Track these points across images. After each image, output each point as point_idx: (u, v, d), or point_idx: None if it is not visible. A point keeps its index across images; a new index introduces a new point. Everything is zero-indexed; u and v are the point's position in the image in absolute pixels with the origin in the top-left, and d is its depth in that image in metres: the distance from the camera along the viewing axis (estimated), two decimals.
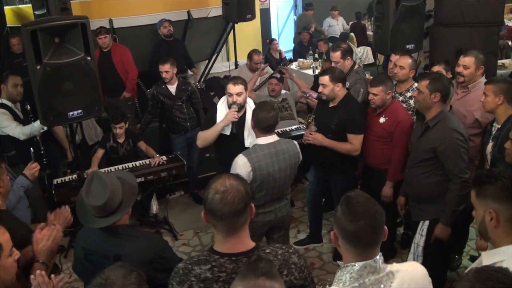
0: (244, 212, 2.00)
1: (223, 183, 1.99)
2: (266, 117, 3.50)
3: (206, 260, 2.05)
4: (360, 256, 1.85)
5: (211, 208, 1.97)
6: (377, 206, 1.89)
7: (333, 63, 5.02)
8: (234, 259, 2.01)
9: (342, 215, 1.86)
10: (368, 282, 1.82)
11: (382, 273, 1.85)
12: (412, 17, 5.39)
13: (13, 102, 4.90)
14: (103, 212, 2.43)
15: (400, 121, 4.15)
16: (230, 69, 8.20)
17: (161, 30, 7.06)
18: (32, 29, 3.63)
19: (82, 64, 3.91)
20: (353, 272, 1.83)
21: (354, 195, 1.92)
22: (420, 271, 1.95)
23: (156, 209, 5.59)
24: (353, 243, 1.85)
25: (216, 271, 2.00)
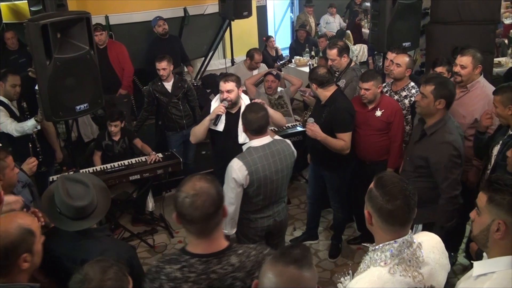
0: (216, 216, 1.97)
1: (193, 186, 1.95)
2: (256, 118, 3.37)
3: (176, 259, 2.03)
4: (395, 233, 1.98)
5: (181, 211, 1.95)
6: (410, 186, 2.01)
7: (329, 61, 5.03)
8: (205, 260, 2.00)
9: (378, 195, 1.97)
10: (406, 255, 1.96)
11: (414, 246, 2.00)
12: (408, 15, 5.40)
13: (10, 100, 4.89)
14: (81, 214, 2.38)
15: (397, 110, 4.32)
16: (227, 66, 8.18)
17: (156, 29, 7.05)
18: (43, 23, 3.62)
19: (87, 58, 3.94)
20: (394, 249, 1.96)
21: (387, 177, 2.03)
22: (435, 239, 2.16)
23: (152, 207, 5.58)
24: (390, 221, 1.96)
25: (186, 271, 1.99)
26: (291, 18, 13.14)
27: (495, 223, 1.90)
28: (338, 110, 4.19)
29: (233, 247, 2.07)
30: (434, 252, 2.07)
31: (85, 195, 2.40)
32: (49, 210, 2.45)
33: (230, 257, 2.01)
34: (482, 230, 1.96)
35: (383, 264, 1.96)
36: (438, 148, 3.38)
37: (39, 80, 3.80)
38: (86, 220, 2.40)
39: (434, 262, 2.04)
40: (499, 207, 1.90)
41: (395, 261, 1.95)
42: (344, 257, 4.84)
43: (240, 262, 2.01)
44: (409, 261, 1.96)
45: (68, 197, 2.36)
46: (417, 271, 1.96)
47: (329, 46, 5.04)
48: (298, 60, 8.61)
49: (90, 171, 4.91)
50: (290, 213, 5.62)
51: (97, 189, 2.51)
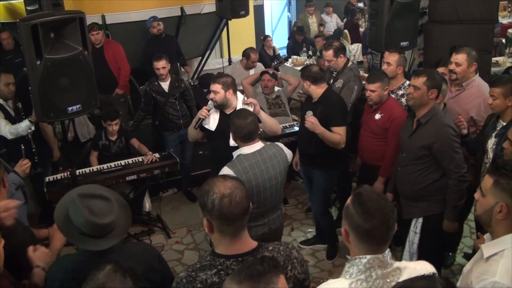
0: (248, 210, 2.00)
1: (226, 186, 1.96)
2: (244, 124, 3.27)
3: (211, 265, 2.00)
4: (371, 252, 1.88)
5: (221, 213, 1.93)
6: (389, 203, 1.92)
7: (326, 62, 5.01)
8: (241, 259, 1.99)
9: (355, 213, 1.87)
10: (375, 275, 1.84)
11: (390, 268, 1.87)
12: (406, 14, 5.38)
13: (4, 100, 4.85)
14: (105, 231, 2.22)
15: (395, 118, 4.16)
16: (224, 66, 8.16)
17: (151, 30, 7.01)
18: (33, 23, 3.59)
19: (80, 59, 3.89)
20: (361, 264, 1.86)
21: (365, 192, 1.92)
22: (429, 270, 1.93)
23: (149, 207, 5.56)
24: (366, 240, 1.87)
25: (223, 274, 1.96)
26: (288, 18, 13.12)
27: (498, 205, 2.04)
28: (334, 105, 4.21)
29: (263, 245, 2.09)
30: None
31: (109, 210, 2.24)
32: (68, 231, 2.25)
33: (263, 254, 2.02)
34: (485, 211, 2.10)
35: (348, 277, 1.88)
36: (439, 132, 3.50)
37: (30, 80, 3.77)
38: (108, 237, 2.23)
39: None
40: (503, 191, 2.04)
41: (361, 277, 1.85)
42: (342, 258, 4.83)
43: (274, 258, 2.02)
44: (377, 281, 1.83)
45: (92, 214, 2.18)
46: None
47: (324, 47, 5.01)
48: (295, 59, 8.59)
49: (86, 171, 4.89)
50: (287, 213, 5.62)
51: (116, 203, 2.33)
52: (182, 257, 4.99)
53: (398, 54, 4.57)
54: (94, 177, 4.78)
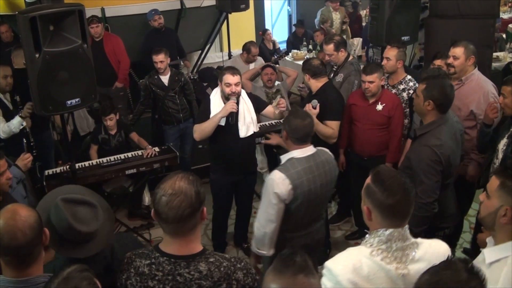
0: (191, 218, 1.90)
1: (172, 185, 1.89)
2: (302, 125, 3.06)
3: (147, 255, 2.00)
4: (394, 227, 1.97)
5: (157, 209, 1.90)
6: (407, 178, 2.02)
7: (326, 56, 5.00)
8: (173, 261, 1.96)
9: (378, 191, 1.97)
10: (395, 247, 1.95)
11: (408, 242, 1.98)
12: (407, 8, 5.36)
13: (2, 92, 4.83)
14: (87, 238, 2.15)
15: (398, 104, 4.29)
16: (224, 60, 8.13)
17: (152, 23, 6.98)
18: (32, 16, 3.56)
19: (80, 52, 3.87)
20: (383, 236, 1.96)
21: (384, 171, 2.04)
22: (443, 247, 2.07)
23: (149, 201, 5.54)
24: (390, 215, 1.96)
25: (153, 268, 1.96)
26: (288, 12, 13.07)
27: (503, 209, 1.99)
28: (329, 99, 4.22)
29: (205, 253, 2.00)
30: (433, 256, 1.99)
31: (94, 217, 2.18)
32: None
33: (199, 263, 1.95)
34: (489, 213, 2.05)
35: (368, 246, 1.98)
36: (418, 150, 3.21)
37: (29, 73, 3.75)
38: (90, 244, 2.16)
39: (429, 263, 1.91)
40: (509, 194, 1.98)
41: (382, 246, 1.96)
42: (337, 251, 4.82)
43: (209, 270, 1.94)
44: (396, 252, 1.95)
45: (77, 221, 2.11)
46: (403, 265, 1.95)
47: (325, 41, 5.01)
48: (295, 53, 8.57)
49: (86, 165, 4.87)
50: None
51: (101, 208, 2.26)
52: None
53: (397, 49, 4.55)
54: (94, 171, 4.77)
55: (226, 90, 4.05)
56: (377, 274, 1.93)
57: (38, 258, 2.01)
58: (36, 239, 1.96)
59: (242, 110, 4.17)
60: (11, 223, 1.92)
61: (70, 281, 1.72)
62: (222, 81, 4.10)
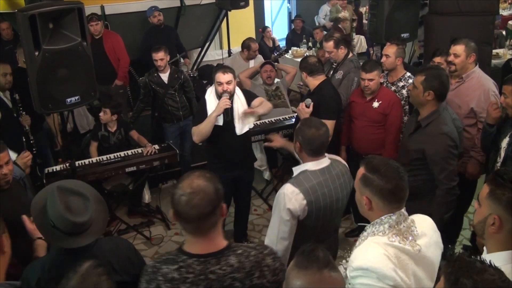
0: (212, 215, 1.91)
1: (190, 184, 1.89)
2: (317, 135, 2.85)
3: (173, 260, 1.97)
4: (395, 210, 2.10)
5: (177, 210, 1.90)
6: (398, 164, 2.15)
7: (326, 53, 5.00)
8: (203, 260, 1.95)
9: (376, 179, 2.08)
10: (403, 228, 2.08)
11: (409, 220, 2.13)
12: (407, 5, 5.37)
13: (1, 90, 4.83)
14: (78, 230, 2.18)
15: (395, 102, 4.26)
16: (223, 57, 8.13)
17: (151, 19, 6.97)
18: (31, 14, 3.56)
19: (79, 50, 3.87)
20: (392, 221, 2.08)
21: (376, 160, 2.16)
22: (427, 218, 2.26)
23: (149, 198, 5.56)
24: (392, 199, 2.08)
25: (183, 272, 1.93)
26: (288, 9, 13.05)
27: (491, 217, 1.94)
28: (325, 98, 4.21)
29: (232, 246, 2.01)
30: (428, 228, 2.18)
31: (85, 209, 2.21)
32: (41, 222, 2.23)
33: (229, 257, 1.96)
34: (480, 221, 2.02)
35: (381, 235, 2.07)
36: (434, 139, 3.34)
37: (28, 71, 3.75)
38: (81, 236, 2.20)
39: (429, 236, 2.15)
40: (497, 202, 1.94)
41: (393, 231, 2.06)
42: (341, 249, 4.80)
43: (239, 262, 1.95)
44: (405, 232, 2.07)
45: (67, 211, 2.15)
46: (414, 242, 2.07)
47: (325, 39, 5.01)
48: (295, 51, 8.56)
49: (86, 162, 4.88)
50: None
51: (94, 202, 2.30)
52: None
53: (396, 46, 4.55)
54: (94, 169, 4.78)
55: (218, 88, 4.07)
56: (402, 256, 2.02)
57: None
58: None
59: (236, 107, 4.18)
60: None
61: (89, 277, 1.75)
62: (214, 80, 4.12)
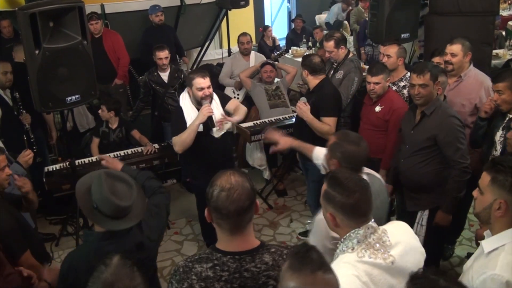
0: (250, 210, 1.93)
1: (228, 180, 1.91)
2: (358, 151, 2.69)
3: (208, 258, 1.97)
4: (361, 224, 2.04)
5: (216, 206, 1.90)
6: (360, 176, 2.12)
7: (326, 53, 5.00)
8: (238, 257, 1.95)
9: (337, 194, 2.03)
10: (372, 241, 2.02)
11: (379, 231, 2.06)
12: (407, 5, 5.37)
13: (2, 88, 4.83)
14: (120, 214, 2.31)
15: (396, 109, 4.16)
16: (223, 57, 8.13)
17: (153, 18, 6.96)
18: (31, 12, 3.56)
19: (79, 49, 3.88)
20: (359, 235, 2.02)
21: (339, 174, 2.11)
22: (402, 224, 2.24)
23: None
24: (354, 215, 2.02)
25: (218, 270, 1.93)
26: (288, 8, 13.06)
27: (496, 202, 2.03)
28: (325, 95, 4.21)
29: (266, 245, 2.03)
30: (403, 235, 2.14)
31: (129, 194, 2.34)
32: (84, 204, 2.35)
33: (263, 255, 1.97)
34: (484, 208, 2.09)
35: (350, 251, 2.02)
36: (445, 122, 3.50)
37: (29, 69, 3.75)
38: (123, 220, 2.33)
39: (405, 244, 2.10)
40: (501, 188, 2.03)
41: (362, 246, 2.01)
42: None
43: (274, 260, 1.97)
44: (376, 245, 2.02)
45: (113, 194, 2.27)
46: (386, 254, 2.02)
47: (325, 38, 5.00)
48: (295, 50, 8.55)
49: (86, 161, 4.88)
50: (286, 205, 5.64)
51: (136, 189, 2.45)
52: (181, 247, 5.00)
53: (397, 46, 4.57)
54: (94, 167, 4.77)
55: (199, 94, 3.98)
56: (373, 272, 1.97)
57: None
58: None
59: (214, 111, 4.12)
60: None
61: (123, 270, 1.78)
62: (192, 86, 4.03)
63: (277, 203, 5.72)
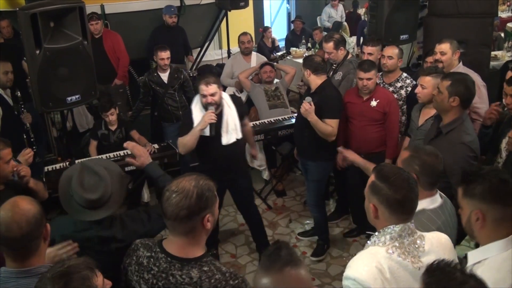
0: (188, 221, 1.90)
1: (178, 183, 1.92)
2: (436, 163, 2.53)
3: (150, 247, 2.05)
4: (402, 221, 2.02)
5: (160, 202, 1.95)
6: (410, 175, 2.08)
7: (326, 54, 5.02)
8: (169, 260, 1.97)
9: (384, 187, 2.02)
10: (406, 242, 2.01)
11: (416, 235, 2.04)
12: (406, 7, 5.39)
13: (3, 88, 4.84)
14: (95, 204, 2.40)
15: (392, 100, 4.34)
16: (223, 57, 8.15)
17: (166, 18, 6.99)
18: (32, 12, 3.58)
19: (80, 49, 3.90)
20: (394, 232, 2.01)
21: (387, 168, 2.11)
22: (444, 237, 2.15)
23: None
24: (399, 210, 2.01)
25: (151, 262, 2.00)
26: (287, 9, 13.08)
27: (473, 214, 1.98)
28: (329, 97, 4.23)
29: (202, 260, 1.97)
30: (438, 247, 2.08)
31: (97, 187, 2.39)
32: (63, 192, 2.45)
33: (192, 269, 1.94)
34: (465, 222, 2.05)
35: (381, 245, 2.02)
36: (453, 149, 3.16)
37: (29, 69, 3.77)
38: (99, 210, 2.41)
39: (438, 255, 1.99)
40: (472, 198, 1.99)
41: (395, 243, 2.00)
42: (340, 249, 4.85)
43: (199, 278, 1.92)
44: (409, 246, 2.00)
45: (81, 187, 2.37)
46: (416, 258, 2.00)
47: (325, 39, 5.03)
48: (294, 51, 8.58)
49: None
50: (285, 205, 5.65)
51: (114, 177, 2.49)
52: None
53: (397, 47, 4.65)
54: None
55: (203, 100, 3.93)
56: (398, 271, 1.97)
57: (37, 251, 2.03)
58: (32, 233, 1.98)
59: (226, 119, 4.04)
60: (9, 215, 1.96)
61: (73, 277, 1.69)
62: (199, 92, 3.98)
63: (276, 204, 5.73)
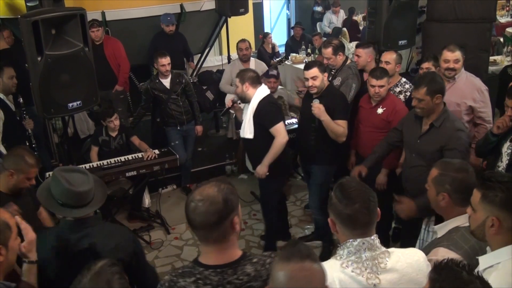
0: (219, 226, 1.90)
1: (201, 192, 1.92)
2: (467, 177, 2.43)
3: (190, 272, 1.97)
4: (357, 236, 1.97)
5: (187, 215, 1.93)
6: (369, 189, 2.02)
7: (325, 60, 5.04)
8: (219, 271, 1.94)
9: (337, 201, 1.99)
10: (364, 257, 1.95)
11: (378, 251, 1.97)
12: (405, 12, 5.42)
13: (7, 94, 4.87)
14: (83, 201, 2.45)
15: (398, 110, 4.26)
16: (223, 63, 8.19)
17: (164, 27, 7.04)
18: (34, 20, 3.61)
19: (81, 55, 3.93)
20: (352, 246, 1.97)
21: (346, 181, 2.05)
22: (418, 255, 2.05)
23: (149, 203, 5.58)
24: (350, 225, 1.97)
25: (201, 284, 1.93)
26: (287, 15, 13.14)
27: (489, 220, 1.97)
28: (337, 99, 4.29)
29: (247, 256, 2.01)
30: (407, 267, 1.99)
31: (85, 181, 2.48)
32: (50, 205, 2.49)
33: (245, 267, 1.96)
34: (478, 225, 2.03)
35: (339, 258, 1.99)
36: (455, 135, 3.46)
37: (31, 76, 3.80)
38: (86, 207, 2.47)
39: (402, 274, 1.97)
40: (492, 204, 1.97)
41: (351, 258, 1.96)
42: None
43: (256, 271, 1.96)
44: (366, 262, 1.95)
45: (70, 184, 2.41)
46: (374, 275, 1.94)
47: (324, 45, 5.05)
48: (294, 57, 8.61)
49: (86, 167, 4.90)
50: None
51: (95, 180, 2.60)
52: (181, 252, 5.02)
53: (395, 53, 4.67)
54: (94, 173, 4.77)
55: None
56: (350, 285, 1.93)
57: None
58: None
59: (247, 112, 4.29)
60: None
61: (102, 275, 1.82)
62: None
63: None
